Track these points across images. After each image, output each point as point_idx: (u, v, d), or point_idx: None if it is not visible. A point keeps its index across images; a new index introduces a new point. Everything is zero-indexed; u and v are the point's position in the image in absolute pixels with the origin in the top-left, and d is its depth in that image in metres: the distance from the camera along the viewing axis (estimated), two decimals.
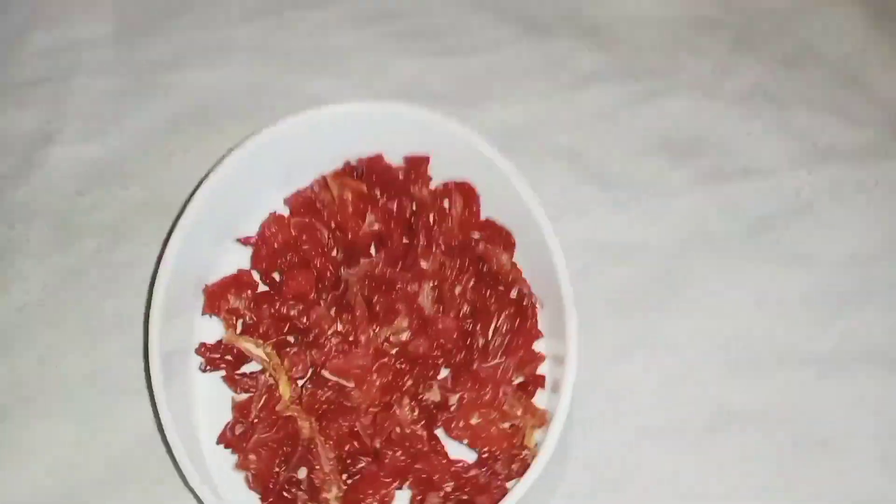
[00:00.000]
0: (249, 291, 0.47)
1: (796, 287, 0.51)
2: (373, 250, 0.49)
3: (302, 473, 0.42)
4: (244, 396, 0.45)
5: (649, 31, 0.58)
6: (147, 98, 0.55)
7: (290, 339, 0.46)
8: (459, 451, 0.44)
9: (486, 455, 0.43)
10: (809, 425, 0.48)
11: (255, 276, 0.48)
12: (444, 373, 0.46)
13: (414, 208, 0.49)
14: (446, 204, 0.49)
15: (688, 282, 0.51)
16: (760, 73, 0.57)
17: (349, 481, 0.42)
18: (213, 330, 0.47)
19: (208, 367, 0.45)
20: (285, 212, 0.50)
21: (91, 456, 0.46)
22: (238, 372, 0.46)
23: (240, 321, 0.46)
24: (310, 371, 0.44)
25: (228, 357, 0.45)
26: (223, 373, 0.46)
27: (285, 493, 0.42)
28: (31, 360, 0.48)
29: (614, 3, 0.59)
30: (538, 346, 0.47)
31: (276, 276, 0.48)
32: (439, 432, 0.45)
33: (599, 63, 0.57)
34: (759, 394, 0.48)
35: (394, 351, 0.45)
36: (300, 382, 0.45)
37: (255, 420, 0.43)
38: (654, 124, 0.56)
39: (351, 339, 0.45)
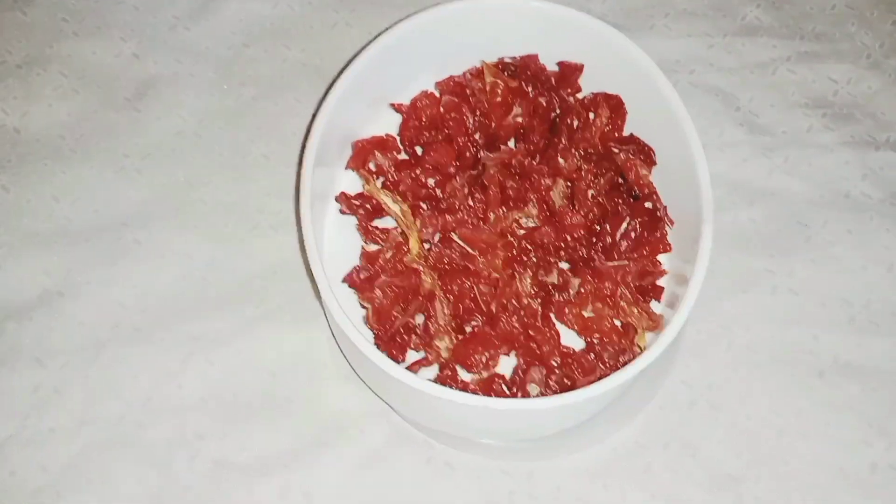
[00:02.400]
0: (394, 153, 0.48)
1: None
2: (512, 144, 0.50)
3: (418, 320, 0.43)
4: (374, 248, 0.46)
5: None
6: None
7: (424, 206, 0.47)
8: (567, 340, 0.45)
9: (595, 343, 0.44)
10: None
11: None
12: (564, 267, 0.47)
13: (559, 111, 0.49)
14: (592, 116, 0.49)
15: (819, 235, 0.50)
16: None
17: (460, 337, 0.43)
18: (350, 185, 0.49)
19: (346, 212, 0.47)
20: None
21: (221, 275, 0.48)
22: (371, 224, 0.47)
23: (380, 179, 0.48)
24: (438, 236, 0.46)
25: (367, 206, 0.47)
26: (353, 225, 0.48)
27: (398, 338, 0.43)
28: (179, 180, 0.51)
29: None
30: (662, 261, 0.47)
31: (419, 151, 0.50)
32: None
33: (766, 18, 0.57)
34: (875, 352, 0.47)
35: (520, 233, 0.46)
36: (427, 246, 0.46)
37: (381, 269, 0.45)
38: (813, 84, 0.55)
39: (481, 216, 0.46)
